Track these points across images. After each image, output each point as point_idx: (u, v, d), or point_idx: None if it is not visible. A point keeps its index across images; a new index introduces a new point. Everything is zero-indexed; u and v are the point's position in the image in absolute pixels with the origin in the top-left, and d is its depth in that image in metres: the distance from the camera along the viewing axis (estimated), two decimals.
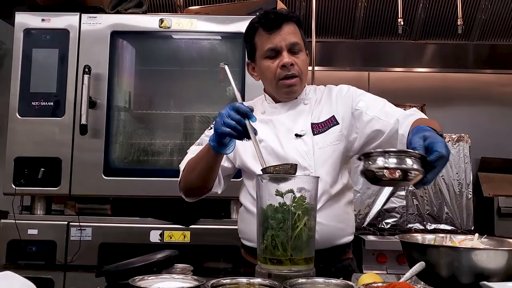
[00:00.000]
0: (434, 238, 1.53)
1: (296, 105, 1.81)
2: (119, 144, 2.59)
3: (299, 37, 1.75)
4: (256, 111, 1.78)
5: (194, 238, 2.44)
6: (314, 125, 1.77)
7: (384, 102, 1.78)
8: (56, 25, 2.58)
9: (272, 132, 1.77)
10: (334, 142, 1.75)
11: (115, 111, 2.58)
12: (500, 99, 3.75)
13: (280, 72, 1.71)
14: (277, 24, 1.70)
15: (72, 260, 2.42)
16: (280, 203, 1.29)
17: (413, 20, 3.53)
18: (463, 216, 3.48)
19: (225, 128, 1.47)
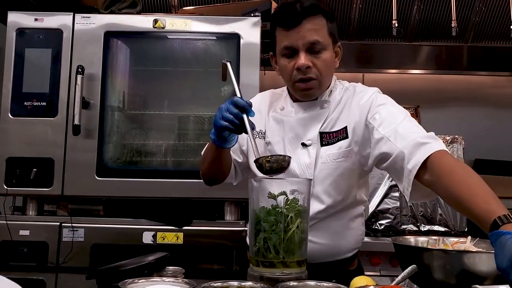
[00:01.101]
0: (427, 241, 1.54)
1: (312, 107, 1.66)
2: (112, 144, 2.58)
3: (323, 33, 1.56)
4: (278, 103, 1.74)
5: (187, 240, 2.43)
6: (324, 134, 1.63)
7: (402, 117, 1.55)
8: (49, 25, 2.56)
9: (281, 135, 1.68)
10: (339, 159, 1.61)
11: (109, 111, 2.56)
12: (494, 100, 3.76)
13: (296, 74, 1.57)
14: (296, 21, 1.54)
15: (64, 261, 2.40)
16: (273, 206, 1.28)
17: (408, 22, 3.53)
18: (457, 217, 3.47)
19: (223, 121, 1.46)
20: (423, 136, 1.47)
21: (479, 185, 1.37)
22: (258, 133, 1.72)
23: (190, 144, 2.60)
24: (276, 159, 1.36)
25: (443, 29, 3.52)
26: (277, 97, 1.78)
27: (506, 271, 1.04)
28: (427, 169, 1.39)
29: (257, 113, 1.61)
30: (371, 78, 3.77)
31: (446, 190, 1.35)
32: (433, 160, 1.39)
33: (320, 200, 1.62)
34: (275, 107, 1.75)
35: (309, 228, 1.39)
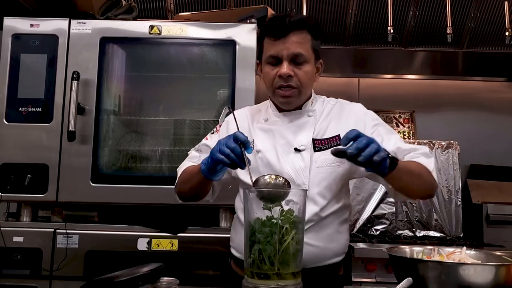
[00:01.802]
0: (422, 251, 1.54)
1: (299, 116, 1.76)
2: (108, 150, 2.57)
3: (306, 47, 1.67)
4: (259, 116, 1.82)
5: (182, 246, 2.42)
6: (317, 141, 1.72)
7: (395, 139, 1.71)
8: (45, 30, 2.55)
9: (271, 143, 1.74)
10: (334, 163, 1.69)
11: (104, 117, 2.56)
12: (490, 106, 3.76)
13: (277, 81, 1.67)
14: (283, 33, 1.64)
15: (58, 268, 2.39)
16: (268, 217, 1.28)
17: (403, 28, 3.54)
18: (452, 223, 3.49)
19: (220, 155, 1.46)
20: (415, 153, 1.67)
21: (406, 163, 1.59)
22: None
23: (186, 149, 2.58)
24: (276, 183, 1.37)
25: (438, 35, 3.53)
26: (255, 112, 1.86)
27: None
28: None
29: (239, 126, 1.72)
30: (366, 83, 3.78)
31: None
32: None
33: (315, 202, 1.68)
34: (258, 120, 1.82)
35: (305, 231, 1.44)
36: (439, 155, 3.55)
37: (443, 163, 3.53)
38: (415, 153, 1.67)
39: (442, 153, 3.55)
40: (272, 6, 3.21)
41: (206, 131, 2.60)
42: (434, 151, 3.54)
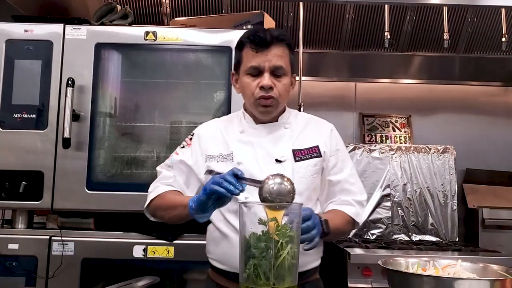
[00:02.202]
0: (417, 263, 1.53)
1: (276, 128, 1.81)
2: (103, 157, 2.56)
3: (285, 60, 1.74)
4: (233, 127, 1.84)
5: (178, 254, 2.41)
6: (296, 151, 1.78)
7: (347, 171, 1.85)
8: (40, 36, 2.53)
9: (252, 155, 1.76)
10: (314, 175, 1.78)
11: (99, 123, 2.55)
12: (486, 110, 3.77)
13: (258, 92, 1.72)
14: (265, 44, 1.70)
15: (53, 275, 2.38)
16: (263, 231, 1.28)
17: (400, 32, 3.54)
18: (448, 227, 3.49)
19: (216, 186, 1.45)
20: (354, 199, 1.83)
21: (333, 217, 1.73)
22: (223, 156, 1.77)
23: None
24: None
25: (435, 40, 3.54)
26: (227, 123, 1.88)
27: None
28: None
29: (210, 139, 1.82)
30: (363, 87, 3.78)
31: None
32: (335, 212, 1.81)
33: None
34: (232, 131, 1.83)
35: None
36: (435, 159, 3.55)
37: (439, 168, 3.54)
38: (351, 198, 1.81)
39: (438, 158, 3.56)
40: (268, 11, 3.20)
41: None
42: (431, 155, 3.55)
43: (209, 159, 1.78)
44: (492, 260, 2.67)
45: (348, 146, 3.53)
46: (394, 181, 3.52)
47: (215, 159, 1.77)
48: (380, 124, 3.74)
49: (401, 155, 3.55)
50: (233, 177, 1.44)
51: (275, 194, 1.37)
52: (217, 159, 1.77)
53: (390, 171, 3.53)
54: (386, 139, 3.72)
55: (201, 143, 1.82)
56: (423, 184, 3.51)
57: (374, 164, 3.54)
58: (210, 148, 1.80)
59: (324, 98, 3.72)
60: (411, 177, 3.52)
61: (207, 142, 1.82)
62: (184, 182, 1.81)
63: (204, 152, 1.80)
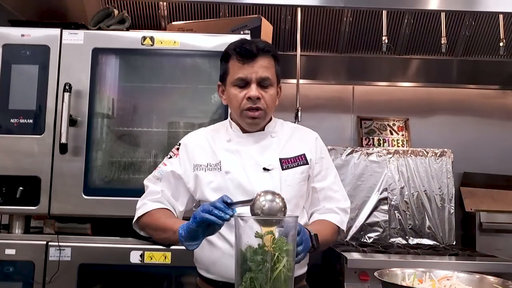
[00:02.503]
0: (414, 273, 1.53)
1: (263, 137, 1.83)
2: (100, 162, 2.55)
3: (272, 71, 1.76)
4: (220, 136, 1.85)
5: (175, 259, 2.41)
6: (283, 160, 1.79)
7: (331, 178, 1.88)
8: (37, 41, 2.52)
9: (239, 164, 1.76)
10: (301, 182, 1.80)
11: (96, 128, 2.54)
12: (484, 114, 3.78)
13: (246, 103, 1.73)
14: (251, 56, 1.72)
15: (50, 281, 2.37)
16: (259, 245, 1.28)
17: (398, 36, 3.54)
18: (445, 230, 3.50)
19: (208, 214, 1.43)
20: (338, 207, 1.86)
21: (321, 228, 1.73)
22: (211, 165, 1.78)
23: None
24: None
25: (433, 43, 3.54)
26: (214, 133, 1.89)
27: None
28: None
29: (198, 149, 1.82)
30: (361, 90, 3.78)
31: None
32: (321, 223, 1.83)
33: None
34: (219, 140, 1.84)
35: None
36: (433, 163, 3.56)
37: (436, 171, 3.54)
38: (334, 206, 1.84)
39: (435, 161, 3.56)
40: (266, 15, 3.19)
41: None
42: (428, 159, 3.55)
43: (197, 168, 1.79)
44: (488, 266, 2.68)
45: (345, 149, 3.53)
46: (392, 185, 3.53)
47: (203, 168, 1.78)
48: (378, 127, 3.74)
49: (399, 159, 3.55)
50: (223, 204, 1.43)
51: (267, 211, 1.36)
52: (205, 168, 1.78)
53: (387, 175, 3.53)
54: (384, 143, 3.72)
55: (189, 153, 1.83)
56: (420, 187, 3.52)
57: (372, 167, 3.54)
58: (198, 158, 1.80)
59: (321, 101, 3.72)
60: (408, 180, 3.53)
61: (194, 151, 1.82)
62: (172, 195, 1.81)
63: (192, 162, 1.80)
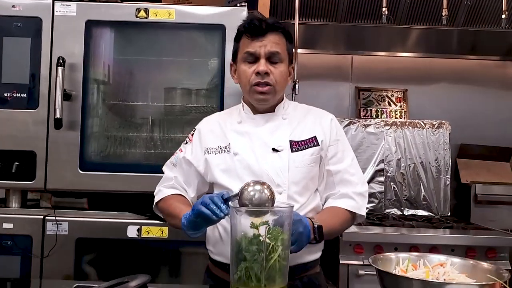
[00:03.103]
0: (408, 258, 1.54)
1: (274, 118, 1.81)
2: (96, 137, 2.53)
3: (282, 48, 1.74)
4: (232, 119, 1.85)
5: (172, 234, 2.43)
6: (293, 142, 1.76)
7: (347, 161, 1.82)
8: (28, 12, 2.46)
9: (248, 145, 1.76)
10: (311, 164, 1.76)
11: (91, 103, 2.51)
12: (483, 85, 3.75)
13: (254, 78, 1.72)
14: (261, 32, 1.71)
15: (48, 254, 2.40)
16: (255, 234, 1.28)
17: (398, 5, 3.46)
18: (440, 202, 3.53)
19: (205, 208, 1.45)
20: (353, 192, 1.79)
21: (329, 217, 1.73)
22: (221, 148, 1.79)
23: (175, 136, 2.56)
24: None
25: (434, 13, 3.46)
26: (227, 116, 1.90)
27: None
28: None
29: (210, 133, 1.84)
30: (360, 60, 3.74)
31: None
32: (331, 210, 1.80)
33: (295, 200, 1.73)
34: (231, 122, 1.84)
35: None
36: (430, 134, 3.55)
37: (433, 143, 3.55)
38: (351, 190, 1.78)
39: (433, 133, 3.55)
40: None
41: (196, 115, 2.58)
42: (425, 130, 3.55)
43: (208, 151, 1.81)
44: (482, 240, 2.73)
45: (343, 121, 3.52)
46: (388, 156, 3.53)
47: (214, 151, 1.79)
48: (376, 98, 3.71)
49: (396, 130, 3.54)
50: (221, 199, 1.43)
51: (255, 201, 1.36)
52: (215, 151, 1.79)
53: (384, 146, 3.53)
54: (382, 114, 3.70)
55: (201, 138, 1.85)
56: (417, 159, 3.53)
57: (369, 139, 3.54)
58: (209, 142, 1.83)
59: (320, 71, 3.68)
60: (405, 152, 3.53)
61: (206, 135, 1.84)
62: (185, 181, 1.85)
63: (204, 146, 1.83)
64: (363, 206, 1.80)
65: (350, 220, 1.80)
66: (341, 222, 1.76)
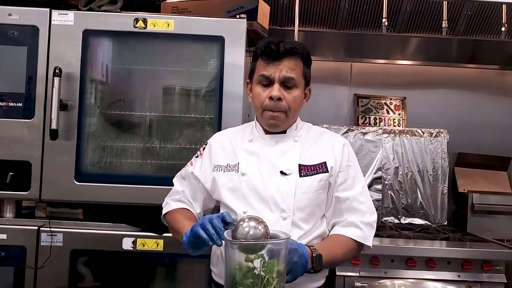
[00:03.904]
0: (404, 285, 1.54)
1: (285, 140, 1.79)
2: (92, 148, 2.50)
3: (297, 72, 1.71)
4: (244, 136, 1.84)
5: (167, 247, 2.41)
6: (303, 166, 1.73)
7: (357, 188, 1.77)
8: (24, 21, 2.43)
9: (256, 166, 1.74)
10: (319, 190, 1.73)
11: (88, 113, 2.48)
12: (481, 94, 3.74)
13: (267, 102, 1.70)
14: (277, 56, 1.69)
15: (43, 266, 2.38)
16: (249, 267, 1.27)
17: (398, 13, 3.44)
18: (437, 211, 3.53)
19: (202, 231, 1.44)
20: (362, 221, 1.75)
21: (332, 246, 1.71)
22: (230, 166, 1.78)
23: (172, 147, 2.55)
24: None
25: (433, 21, 3.45)
26: (240, 132, 1.88)
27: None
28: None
29: (220, 150, 1.83)
30: (359, 67, 3.72)
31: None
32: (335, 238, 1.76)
33: (299, 227, 1.71)
34: (242, 139, 1.83)
35: None
36: (428, 143, 3.55)
37: (431, 151, 3.54)
38: (358, 220, 1.73)
39: (431, 142, 3.55)
40: None
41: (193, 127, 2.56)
42: (424, 139, 3.54)
43: (216, 169, 1.80)
44: (478, 253, 2.72)
45: (341, 128, 3.51)
46: (386, 164, 3.53)
47: (222, 169, 1.78)
48: (375, 106, 3.70)
49: (394, 138, 3.54)
50: (221, 222, 1.41)
51: (251, 238, 1.33)
52: (224, 169, 1.78)
53: (382, 154, 3.52)
54: (380, 122, 3.69)
55: (211, 154, 1.84)
56: (414, 167, 3.53)
57: (367, 147, 3.53)
58: (219, 159, 1.82)
59: (319, 78, 3.63)
60: (403, 160, 3.53)
61: (217, 152, 1.84)
62: (192, 196, 1.86)
63: (213, 162, 1.82)
64: (370, 237, 1.75)
65: (355, 249, 1.75)
66: (344, 251, 1.71)
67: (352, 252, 1.75)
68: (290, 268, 1.42)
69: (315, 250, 1.56)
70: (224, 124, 2.42)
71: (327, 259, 1.58)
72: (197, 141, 2.52)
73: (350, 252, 1.74)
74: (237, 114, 2.44)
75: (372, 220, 1.76)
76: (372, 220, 1.76)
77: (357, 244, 1.74)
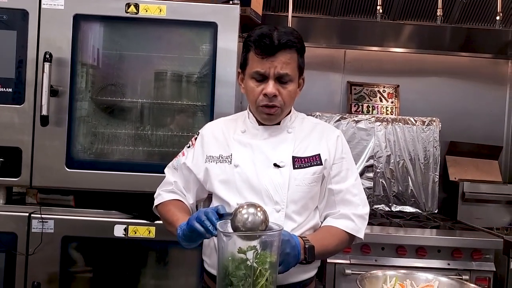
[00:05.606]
0: (395, 276, 1.55)
1: (279, 131, 1.76)
2: (83, 134, 2.48)
3: (292, 66, 1.66)
4: (236, 127, 1.81)
5: (159, 234, 2.41)
6: (296, 158, 1.72)
7: (350, 180, 1.77)
8: (14, 4, 2.38)
9: (250, 158, 1.72)
10: (312, 183, 1.71)
11: (78, 99, 2.45)
12: (474, 82, 3.74)
13: (262, 99, 1.67)
14: (271, 52, 1.62)
15: (34, 252, 2.37)
16: (242, 259, 1.26)
17: (393, 0, 3.42)
18: (428, 199, 3.55)
19: (198, 225, 1.42)
20: (355, 213, 1.75)
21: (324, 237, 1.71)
22: (222, 157, 1.75)
23: (164, 134, 2.53)
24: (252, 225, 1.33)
25: (427, 9, 3.44)
26: (231, 122, 1.85)
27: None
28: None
29: (213, 140, 1.80)
30: (353, 55, 3.70)
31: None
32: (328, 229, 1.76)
33: (292, 220, 1.70)
34: (234, 130, 1.80)
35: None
36: (420, 131, 3.55)
37: (423, 140, 3.55)
38: (351, 212, 1.74)
39: (423, 130, 3.55)
40: None
41: (184, 114, 2.54)
42: (416, 127, 3.54)
43: (209, 160, 1.77)
44: (468, 242, 2.75)
45: (334, 116, 3.50)
46: (378, 152, 3.53)
47: (214, 160, 1.76)
48: (368, 93, 3.69)
49: (387, 126, 3.54)
50: (215, 215, 1.40)
51: (248, 225, 1.33)
52: (216, 160, 1.76)
53: (374, 142, 3.53)
54: (373, 109, 3.68)
55: (204, 144, 1.81)
56: (406, 155, 3.54)
57: (360, 134, 3.53)
58: (211, 149, 1.79)
59: (312, 65, 3.63)
60: (395, 148, 3.53)
61: (209, 142, 1.81)
62: (184, 187, 1.83)
63: (205, 153, 1.79)
64: (362, 229, 1.75)
65: (347, 241, 1.75)
66: (337, 243, 1.72)
67: (344, 243, 1.75)
68: (282, 259, 1.42)
69: (307, 241, 1.56)
70: (216, 110, 2.40)
71: (319, 250, 1.58)
72: (189, 128, 2.51)
73: (342, 243, 1.74)
74: (230, 101, 2.42)
75: (364, 213, 1.77)
76: (364, 213, 1.77)
77: (349, 236, 1.74)
